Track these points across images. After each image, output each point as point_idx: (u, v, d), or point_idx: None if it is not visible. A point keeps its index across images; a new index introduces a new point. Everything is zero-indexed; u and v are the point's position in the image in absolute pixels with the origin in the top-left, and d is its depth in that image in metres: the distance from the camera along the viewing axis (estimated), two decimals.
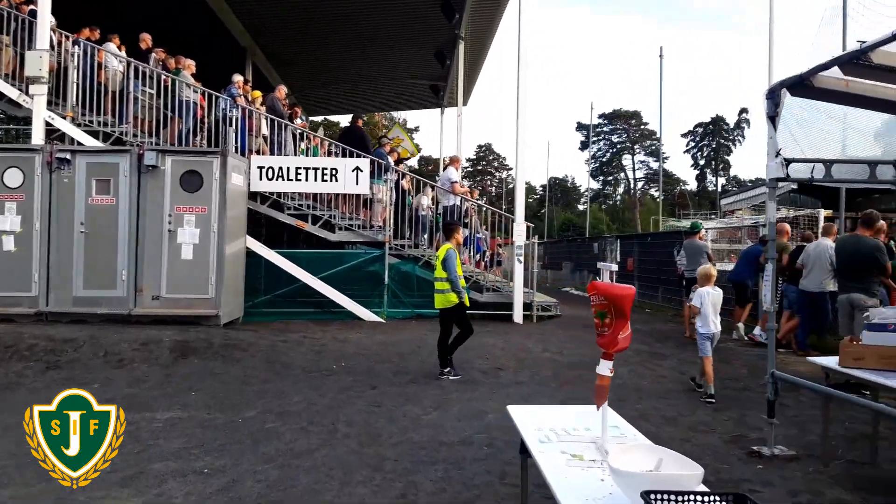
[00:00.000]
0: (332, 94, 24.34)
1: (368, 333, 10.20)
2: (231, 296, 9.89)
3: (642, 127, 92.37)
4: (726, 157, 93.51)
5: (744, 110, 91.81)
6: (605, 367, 2.79)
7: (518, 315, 11.53)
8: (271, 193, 11.71)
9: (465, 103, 21.87)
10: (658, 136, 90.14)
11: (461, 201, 12.44)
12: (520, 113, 11.93)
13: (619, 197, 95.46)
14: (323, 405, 6.09)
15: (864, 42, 3.72)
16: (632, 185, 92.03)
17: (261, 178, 11.50)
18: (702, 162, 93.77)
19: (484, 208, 13.19)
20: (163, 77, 11.26)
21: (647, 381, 7.34)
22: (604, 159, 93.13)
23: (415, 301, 12.05)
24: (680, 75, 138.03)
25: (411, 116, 67.64)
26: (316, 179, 11.89)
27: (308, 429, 5.37)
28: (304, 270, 11.31)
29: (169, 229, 9.41)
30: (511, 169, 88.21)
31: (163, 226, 9.41)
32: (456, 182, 12.10)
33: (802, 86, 4.78)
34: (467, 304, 7.54)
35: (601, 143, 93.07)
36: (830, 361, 4.64)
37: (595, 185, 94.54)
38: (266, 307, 11.33)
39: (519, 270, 11.54)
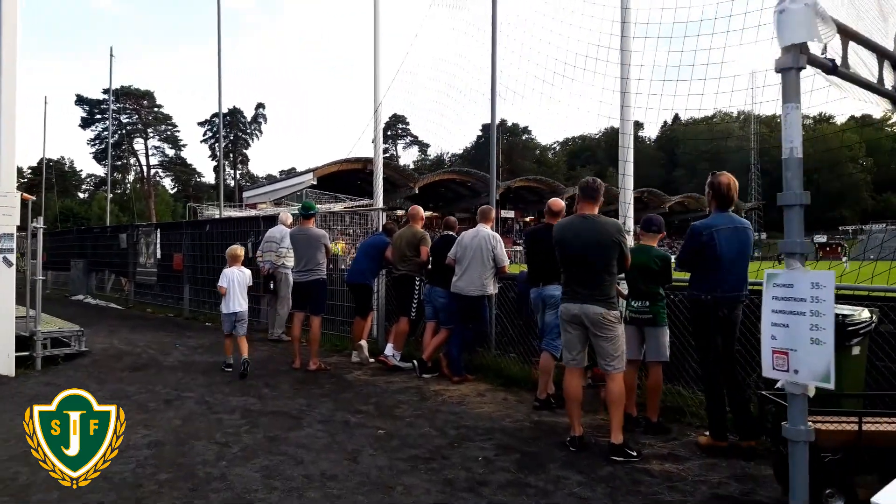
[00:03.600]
0: None
1: None
2: None
3: (156, 109, 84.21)
4: (244, 151, 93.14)
5: (261, 105, 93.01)
6: None
7: (6, 364, 6.22)
8: None
9: None
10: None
11: None
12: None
13: (129, 184, 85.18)
14: None
15: None
16: (146, 173, 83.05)
17: None
18: (220, 154, 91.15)
19: None
20: None
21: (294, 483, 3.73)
22: (111, 141, 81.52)
23: None
24: (198, 64, 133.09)
25: None
26: None
27: None
28: None
29: None
30: None
31: None
32: None
33: None
34: None
35: (107, 122, 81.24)
36: None
37: (101, 170, 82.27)
38: None
39: (6, 278, 6.26)
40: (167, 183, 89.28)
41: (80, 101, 76.83)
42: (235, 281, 7.26)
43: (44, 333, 6.69)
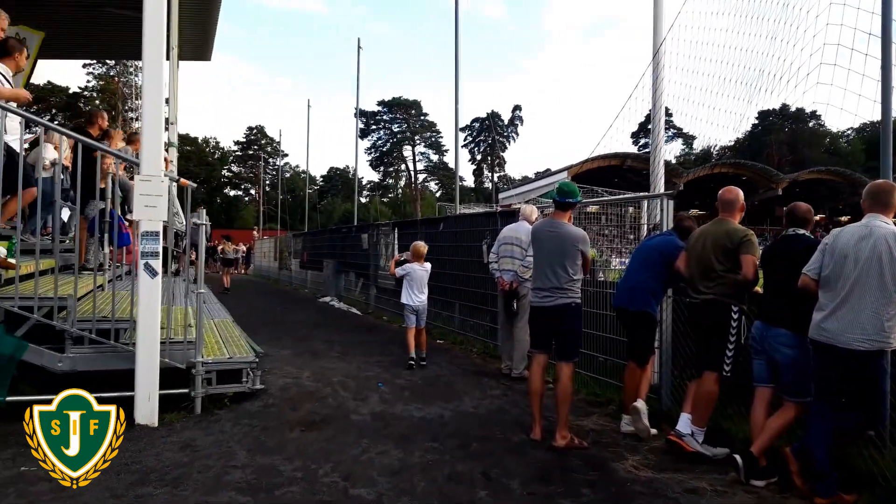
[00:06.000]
0: None
1: None
2: None
3: (422, 118, 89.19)
4: (501, 154, 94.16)
5: (517, 107, 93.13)
6: None
7: (147, 409, 4.64)
8: None
9: (207, 56, 13.94)
10: (455, 125, 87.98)
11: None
12: None
13: (400, 189, 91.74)
14: None
15: None
16: (413, 178, 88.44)
17: None
18: (479, 157, 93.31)
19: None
20: None
21: None
22: (384, 149, 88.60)
23: None
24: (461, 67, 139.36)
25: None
26: None
27: None
28: None
29: None
30: (287, 155, 79.41)
31: None
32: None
33: None
34: None
35: (381, 131, 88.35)
36: None
37: (376, 176, 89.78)
38: None
39: (151, 292, 4.71)
40: (432, 186, 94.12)
41: (360, 113, 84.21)
42: (415, 275, 7.63)
43: (206, 365, 5.06)
